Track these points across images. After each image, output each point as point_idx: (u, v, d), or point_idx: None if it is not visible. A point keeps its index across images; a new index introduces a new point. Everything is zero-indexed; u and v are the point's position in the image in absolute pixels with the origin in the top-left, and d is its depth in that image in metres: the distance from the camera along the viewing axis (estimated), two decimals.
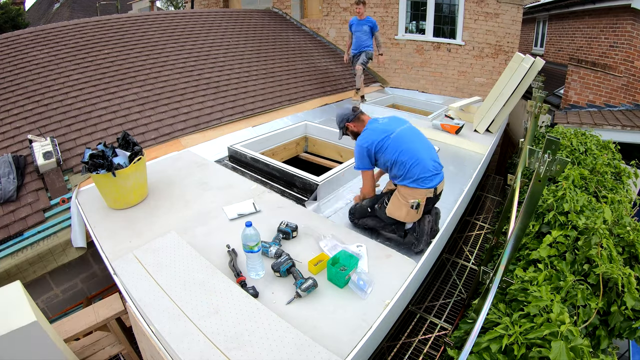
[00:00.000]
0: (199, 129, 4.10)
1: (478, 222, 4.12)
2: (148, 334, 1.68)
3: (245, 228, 1.88)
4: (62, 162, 3.29)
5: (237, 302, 1.76)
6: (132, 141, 2.68)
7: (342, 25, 7.39)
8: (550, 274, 2.01)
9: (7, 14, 13.44)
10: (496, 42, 6.27)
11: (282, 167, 3.24)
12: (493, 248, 2.64)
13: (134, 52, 5.04)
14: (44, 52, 4.54)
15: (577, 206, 2.49)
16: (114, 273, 2.04)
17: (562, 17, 8.06)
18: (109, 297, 2.72)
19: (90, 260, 3.28)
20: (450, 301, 2.96)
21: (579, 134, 4.03)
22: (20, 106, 3.76)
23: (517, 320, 1.71)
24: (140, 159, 2.63)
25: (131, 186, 2.59)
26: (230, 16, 7.36)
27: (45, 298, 3.10)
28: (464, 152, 4.18)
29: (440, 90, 6.95)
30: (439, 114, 5.33)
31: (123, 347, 2.74)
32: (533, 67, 4.02)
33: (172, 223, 2.47)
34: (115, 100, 4.11)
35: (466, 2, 6.22)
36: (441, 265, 3.39)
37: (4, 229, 2.84)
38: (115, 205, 2.64)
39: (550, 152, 1.40)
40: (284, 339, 1.57)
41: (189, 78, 4.88)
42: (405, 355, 2.47)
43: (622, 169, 3.49)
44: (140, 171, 2.65)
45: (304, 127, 4.54)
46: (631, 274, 1.94)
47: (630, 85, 5.61)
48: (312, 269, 2.00)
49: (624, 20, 5.74)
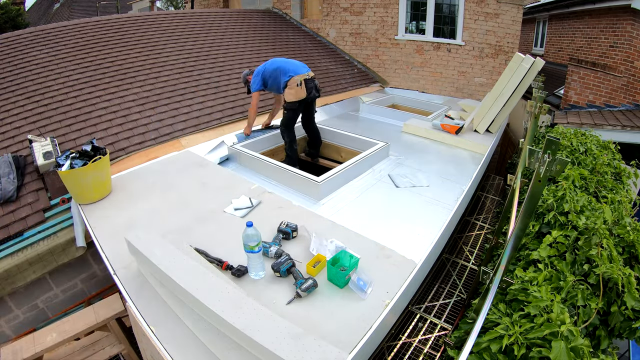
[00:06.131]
0: (199, 129, 4.09)
1: (478, 222, 4.12)
2: (148, 334, 1.68)
3: (247, 228, 1.88)
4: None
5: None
6: (98, 147, 2.88)
7: (342, 26, 7.39)
8: (551, 274, 2.01)
9: (7, 14, 13.43)
10: (496, 42, 6.27)
11: (282, 167, 3.24)
12: (493, 248, 2.64)
13: (134, 52, 5.04)
14: (44, 52, 4.54)
15: (577, 206, 2.49)
16: (114, 273, 2.04)
17: (562, 17, 8.06)
18: (109, 297, 2.72)
19: (90, 260, 3.27)
20: (450, 301, 2.96)
21: (579, 134, 4.03)
22: (20, 106, 3.76)
23: (517, 321, 1.71)
24: (101, 159, 2.72)
25: (90, 183, 2.69)
26: (230, 16, 7.36)
27: (45, 298, 3.10)
28: (464, 152, 4.18)
29: (440, 91, 6.95)
30: (439, 114, 5.33)
31: (123, 347, 2.74)
32: (533, 67, 4.02)
33: (172, 223, 2.47)
34: (115, 100, 4.11)
35: (466, 2, 6.22)
36: (441, 265, 3.39)
37: (4, 229, 2.84)
38: (79, 200, 2.77)
39: (550, 152, 1.40)
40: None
41: (189, 78, 4.88)
42: (405, 355, 2.47)
43: (622, 169, 3.49)
44: (100, 170, 2.74)
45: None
46: (631, 274, 1.94)
47: (630, 85, 5.61)
48: (311, 271, 1.99)
49: (624, 21, 5.74)
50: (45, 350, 2.38)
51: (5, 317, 2.94)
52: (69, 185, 2.71)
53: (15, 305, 2.97)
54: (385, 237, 2.43)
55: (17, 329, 3.00)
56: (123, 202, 2.76)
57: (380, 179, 3.39)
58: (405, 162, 3.79)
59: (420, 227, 2.64)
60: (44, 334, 2.46)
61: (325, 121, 4.96)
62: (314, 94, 3.78)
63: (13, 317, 2.98)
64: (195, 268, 1.76)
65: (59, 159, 2.76)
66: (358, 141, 4.09)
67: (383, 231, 2.54)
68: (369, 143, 3.92)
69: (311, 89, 3.72)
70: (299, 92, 3.61)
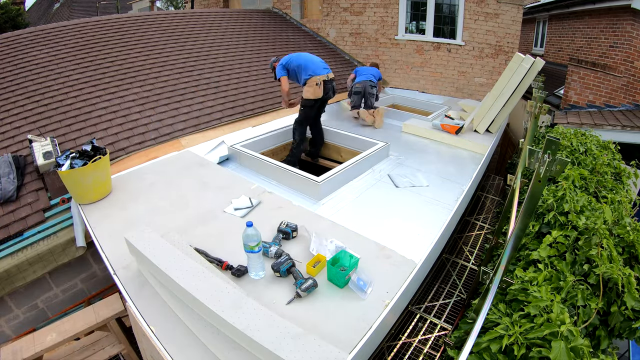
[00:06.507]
0: (199, 129, 4.10)
1: (478, 222, 4.12)
2: (148, 334, 1.68)
3: (247, 228, 1.88)
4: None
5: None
6: (98, 147, 2.89)
7: (342, 26, 7.39)
8: (550, 274, 2.01)
9: (7, 14, 13.42)
10: (496, 42, 6.27)
11: (282, 167, 3.24)
12: (493, 248, 2.64)
13: (134, 52, 5.04)
14: (44, 52, 4.54)
15: (577, 206, 2.48)
16: (114, 273, 2.04)
17: (562, 17, 8.07)
18: (109, 297, 2.72)
19: (90, 260, 3.27)
20: (450, 301, 2.96)
21: (579, 134, 4.03)
22: (20, 106, 3.76)
23: (517, 321, 1.71)
24: (101, 159, 2.72)
25: (90, 183, 2.69)
26: (230, 16, 7.36)
27: (45, 298, 3.10)
28: (463, 152, 4.18)
29: (440, 91, 6.95)
30: (439, 114, 5.33)
31: (123, 347, 2.74)
32: (533, 67, 4.02)
33: (172, 223, 2.47)
34: (115, 100, 4.11)
35: (466, 2, 6.22)
36: (441, 265, 3.39)
37: (4, 229, 2.84)
38: (79, 200, 2.77)
39: (550, 153, 1.40)
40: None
41: (189, 78, 4.88)
42: (405, 355, 2.47)
43: (622, 169, 3.48)
44: (100, 170, 2.73)
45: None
46: (631, 274, 1.94)
47: (630, 86, 5.61)
48: (311, 271, 1.99)
49: (624, 21, 5.74)
50: (45, 350, 2.38)
51: (5, 317, 2.94)
52: (69, 185, 2.71)
53: (15, 305, 2.97)
54: (385, 237, 2.43)
55: (17, 328, 3.00)
56: (123, 202, 2.76)
57: (380, 179, 3.39)
58: (405, 162, 3.79)
59: (420, 227, 2.65)
60: (43, 333, 2.46)
61: (325, 121, 4.95)
62: (329, 94, 4.01)
63: (13, 317, 2.98)
64: (195, 268, 1.76)
65: (59, 159, 2.76)
66: (358, 141, 4.09)
67: (383, 231, 2.54)
68: (369, 143, 3.92)
69: (328, 89, 3.96)
70: (316, 91, 3.86)
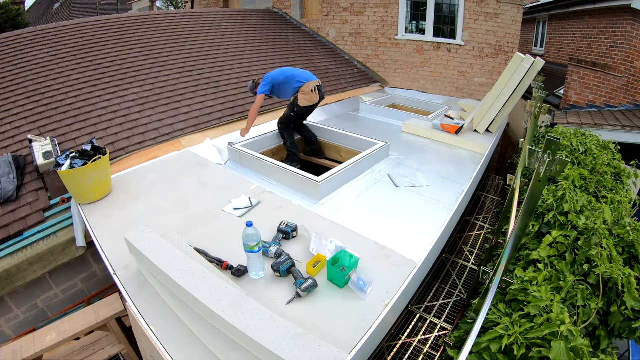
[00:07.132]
0: (199, 129, 4.09)
1: (478, 222, 4.12)
2: (148, 334, 1.68)
3: (246, 228, 1.88)
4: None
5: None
6: (98, 147, 2.89)
7: (342, 26, 7.39)
8: (550, 274, 2.01)
9: (7, 14, 13.41)
10: (496, 42, 6.27)
11: (282, 166, 3.24)
12: (493, 248, 2.64)
13: (134, 52, 5.04)
14: (44, 52, 4.54)
15: (577, 206, 2.48)
16: (114, 273, 2.04)
17: (562, 17, 8.06)
18: (109, 297, 2.72)
19: (90, 260, 3.27)
20: (450, 301, 2.96)
21: (579, 134, 4.03)
22: (20, 106, 3.76)
23: (517, 321, 1.71)
24: (101, 159, 2.72)
25: (90, 183, 2.69)
26: (230, 16, 7.36)
27: (45, 298, 3.10)
28: (463, 152, 4.18)
29: (440, 91, 6.95)
30: (439, 114, 5.33)
31: (123, 347, 2.74)
32: (533, 67, 4.02)
33: (172, 223, 2.47)
34: (115, 100, 4.11)
35: (466, 2, 6.22)
36: (441, 265, 3.39)
37: (4, 229, 2.84)
38: (79, 200, 2.77)
39: (550, 153, 1.40)
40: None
41: (189, 78, 4.88)
42: (405, 355, 2.47)
43: (622, 169, 3.48)
44: (100, 170, 2.73)
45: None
46: (631, 274, 1.94)
47: (630, 86, 5.61)
48: (311, 271, 2.00)
49: (624, 21, 5.74)
50: (45, 350, 2.38)
51: (5, 317, 2.94)
52: (68, 185, 2.71)
53: (15, 305, 2.97)
54: (385, 237, 2.43)
55: (17, 328, 3.00)
56: (123, 202, 2.76)
57: (380, 179, 3.39)
58: (405, 162, 3.79)
59: (420, 227, 2.64)
60: (43, 333, 2.46)
61: (325, 121, 4.96)
62: (320, 100, 4.10)
63: (13, 317, 2.98)
64: (195, 268, 1.76)
65: (59, 158, 2.76)
66: (358, 141, 4.09)
67: (383, 231, 2.54)
68: (368, 143, 3.92)
69: (322, 95, 4.08)
70: (313, 97, 3.93)
